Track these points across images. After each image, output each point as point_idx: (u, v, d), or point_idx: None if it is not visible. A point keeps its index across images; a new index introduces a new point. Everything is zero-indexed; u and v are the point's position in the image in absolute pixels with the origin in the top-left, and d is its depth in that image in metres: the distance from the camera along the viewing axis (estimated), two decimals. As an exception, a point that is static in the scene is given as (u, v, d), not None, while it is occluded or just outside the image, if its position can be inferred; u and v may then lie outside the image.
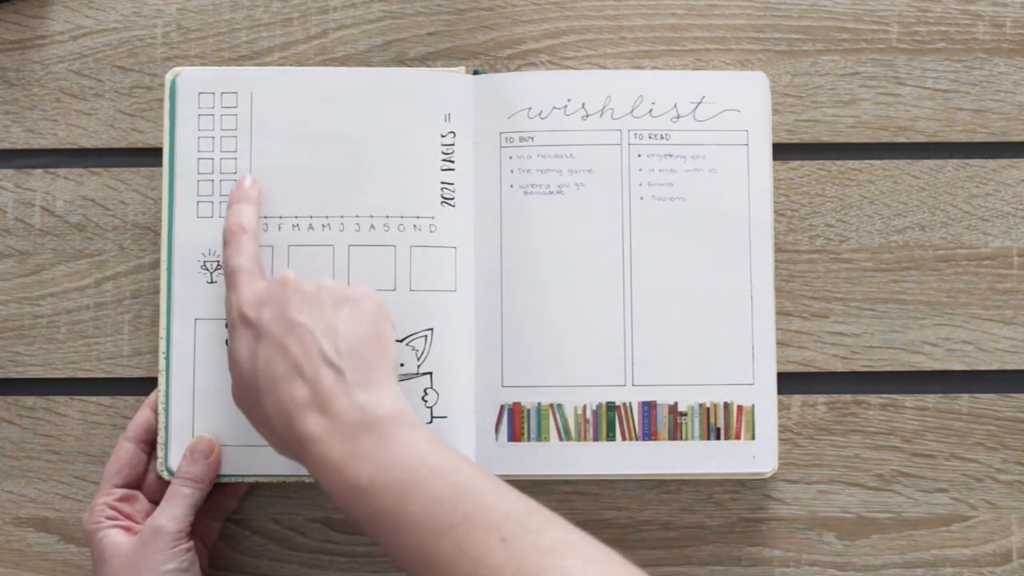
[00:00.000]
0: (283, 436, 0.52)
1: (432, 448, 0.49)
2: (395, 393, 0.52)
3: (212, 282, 0.60)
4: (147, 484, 0.59)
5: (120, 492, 0.58)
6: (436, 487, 0.47)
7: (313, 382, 0.51)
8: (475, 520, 0.45)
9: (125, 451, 0.58)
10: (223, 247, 0.57)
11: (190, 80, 0.61)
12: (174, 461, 0.59)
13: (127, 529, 0.56)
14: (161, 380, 0.59)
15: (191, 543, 0.56)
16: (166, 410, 0.59)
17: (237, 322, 0.54)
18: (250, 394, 0.53)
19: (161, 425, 0.59)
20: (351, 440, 0.49)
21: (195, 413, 0.59)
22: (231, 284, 0.56)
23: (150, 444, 0.60)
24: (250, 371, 0.53)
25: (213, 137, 0.61)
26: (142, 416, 0.60)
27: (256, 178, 0.60)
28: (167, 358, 0.60)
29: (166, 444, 0.59)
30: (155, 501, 0.58)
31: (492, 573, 0.44)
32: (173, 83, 0.61)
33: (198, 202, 0.60)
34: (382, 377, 0.52)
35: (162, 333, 0.60)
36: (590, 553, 0.45)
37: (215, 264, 0.60)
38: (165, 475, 0.59)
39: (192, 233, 0.60)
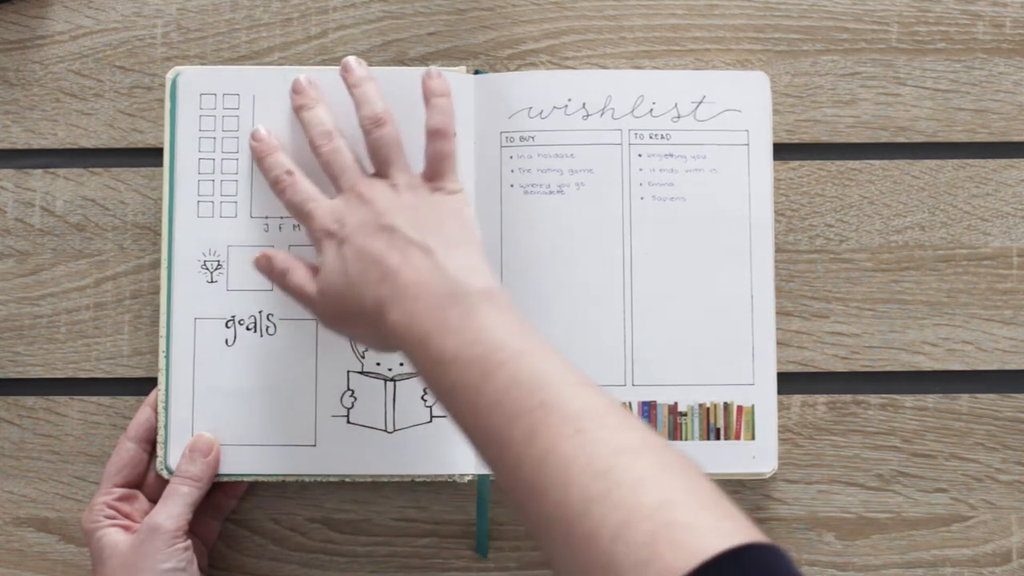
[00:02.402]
0: (376, 326, 0.51)
1: (519, 331, 0.48)
2: (486, 270, 0.51)
3: (212, 281, 0.60)
4: (147, 483, 0.59)
5: (120, 492, 0.58)
6: (517, 370, 0.46)
7: (401, 261, 0.51)
8: (551, 408, 0.44)
9: (126, 451, 0.59)
10: (278, 196, 0.57)
11: (191, 81, 0.61)
12: (173, 460, 0.59)
13: (126, 528, 0.57)
14: (161, 379, 0.59)
15: (188, 542, 0.56)
16: (166, 409, 0.59)
17: (321, 238, 0.54)
18: (341, 299, 0.52)
19: (161, 424, 0.59)
20: (439, 312, 0.48)
21: (194, 412, 0.59)
22: (303, 214, 0.55)
23: (151, 443, 0.60)
24: (339, 273, 0.52)
25: (214, 138, 0.61)
26: (143, 415, 0.60)
27: (269, 128, 0.60)
28: (167, 357, 0.60)
29: (165, 443, 0.59)
30: (155, 500, 0.58)
31: (562, 463, 0.42)
32: (174, 82, 0.61)
33: (198, 202, 0.60)
34: (471, 253, 0.52)
35: (162, 332, 0.60)
36: (665, 458, 0.43)
37: (215, 264, 0.60)
38: (165, 474, 0.59)
39: (192, 233, 0.60)
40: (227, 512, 0.61)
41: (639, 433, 0.44)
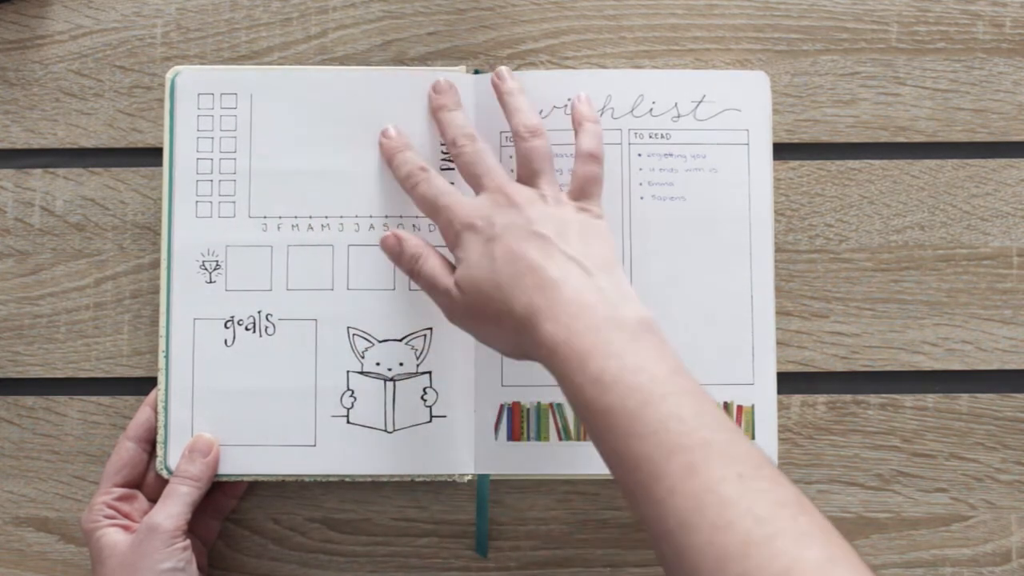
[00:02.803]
0: (521, 332, 0.50)
1: (678, 367, 0.48)
2: (639, 300, 0.51)
3: (211, 282, 0.60)
4: (147, 483, 0.59)
5: (119, 491, 0.58)
6: (680, 405, 0.46)
7: (561, 274, 0.50)
8: (714, 449, 0.44)
9: (126, 450, 0.59)
10: (409, 192, 0.57)
11: (190, 81, 0.61)
12: (173, 460, 0.59)
13: (125, 528, 0.57)
14: (161, 379, 0.59)
15: (188, 542, 0.56)
16: (165, 409, 0.59)
17: (462, 231, 0.54)
18: (483, 297, 0.52)
19: (160, 424, 0.59)
20: (600, 333, 0.48)
21: (194, 412, 0.59)
22: (437, 208, 0.55)
23: (151, 443, 0.60)
24: (486, 271, 0.52)
25: (212, 138, 0.61)
26: (142, 415, 0.60)
27: (398, 127, 0.60)
28: (167, 357, 0.60)
29: (165, 443, 0.59)
30: (155, 500, 0.58)
31: (721, 503, 0.43)
32: (173, 82, 0.61)
33: (197, 202, 0.60)
34: (623, 280, 0.52)
35: (162, 332, 0.60)
36: (820, 520, 0.44)
37: (214, 264, 0.60)
38: (164, 474, 0.59)
39: (191, 233, 0.60)
40: (227, 512, 0.61)
41: (794, 491, 0.45)
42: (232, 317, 0.60)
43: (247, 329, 0.60)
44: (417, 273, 0.56)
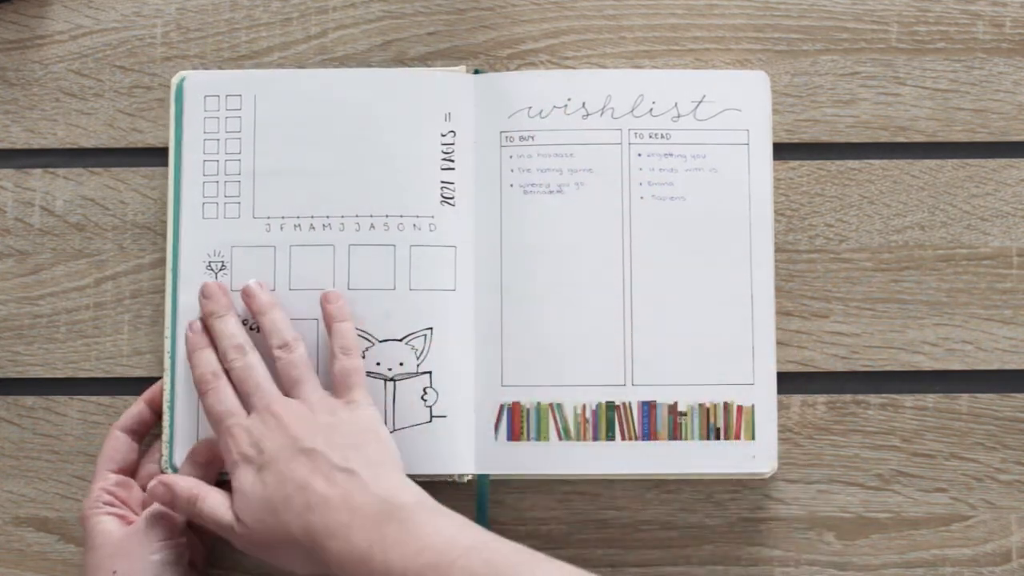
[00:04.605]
0: (307, 548, 0.51)
1: (459, 529, 0.50)
2: (413, 485, 0.53)
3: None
4: (140, 476, 0.60)
5: (115, 478, 0.58)
6: (471, 565, 0.47)
7: (327, 487, 0.51)
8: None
9: (117, 439, 0.59)
10: (200, 396, 0.57)
11: (195, 83, 0.61)
12: (179, 458, 0.59)
13: (121, 518, 0.57)
14: (166, 379, 0.60)
15: (184, 539, 0.57)
16: (171, 408, 0.59)
17: (239, 462, 0.54)
18: (265, 527, 0.53)
19: (166, 423, 0.59)
20: (375, 531, 0.50)
21: (199, 411, 0.59)
22: (222, 428, 0.56)
23: (141, 436, 0.60)
24: (259, 499, 0.53)
25: (218, 139, 0.61)
26: (135, 409, 0.60)
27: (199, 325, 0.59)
28: (172, 358, 0.60)
29: (171, 442, 0.59)
30: (148, 492, 0.59)
31: None
32: (180, 87, 0.61)
33: (203, 204, 0.61)
34: (392, 472, 0.54)
35: (167, 333, 0.60)
36: None
37: (220, 264, 0.60)
38: (169, 472, 0.59)
39: (198, 234, 0.60)
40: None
41: None
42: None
43: (252, 329, 0.60)
44: (198, 514, 0.55)
